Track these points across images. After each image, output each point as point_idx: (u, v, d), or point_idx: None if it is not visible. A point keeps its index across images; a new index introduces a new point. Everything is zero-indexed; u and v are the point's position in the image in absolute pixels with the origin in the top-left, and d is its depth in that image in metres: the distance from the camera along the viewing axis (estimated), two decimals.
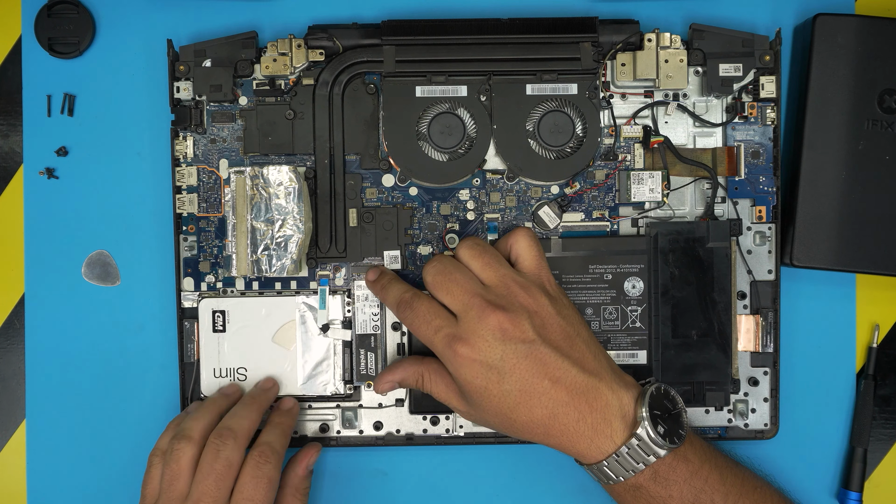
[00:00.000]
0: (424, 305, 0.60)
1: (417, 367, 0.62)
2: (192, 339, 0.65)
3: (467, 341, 0.57)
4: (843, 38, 0.64)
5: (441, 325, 0.59)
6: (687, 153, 0.66)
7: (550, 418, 0.57)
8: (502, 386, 0.57)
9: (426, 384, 0.62)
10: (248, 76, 0.65)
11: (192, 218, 0.66)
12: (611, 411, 0.57)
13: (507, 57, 0.64)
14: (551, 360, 0.57)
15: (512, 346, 0.57)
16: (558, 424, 0.57)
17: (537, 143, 0.65)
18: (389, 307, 0.63)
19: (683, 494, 0.57)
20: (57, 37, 0.67)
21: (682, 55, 0.64)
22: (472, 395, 0.58)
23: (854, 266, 0.65)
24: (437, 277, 0.60)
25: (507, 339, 0.57)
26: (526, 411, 0.57)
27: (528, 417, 0.57)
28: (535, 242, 0.61)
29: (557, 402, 0.57)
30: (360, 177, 0.66)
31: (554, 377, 0.57)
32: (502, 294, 0.58)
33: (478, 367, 0.57)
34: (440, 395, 0.61)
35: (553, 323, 0.58)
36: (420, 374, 0.62)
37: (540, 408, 0.57)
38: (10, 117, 0.68)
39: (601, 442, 0.57)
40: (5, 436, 0.68)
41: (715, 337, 0.64)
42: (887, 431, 0.68)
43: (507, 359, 0.57)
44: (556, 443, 0.58)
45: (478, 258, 0.60)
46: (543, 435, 0.58)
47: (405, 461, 0.68)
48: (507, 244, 0.62)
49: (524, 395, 0.57)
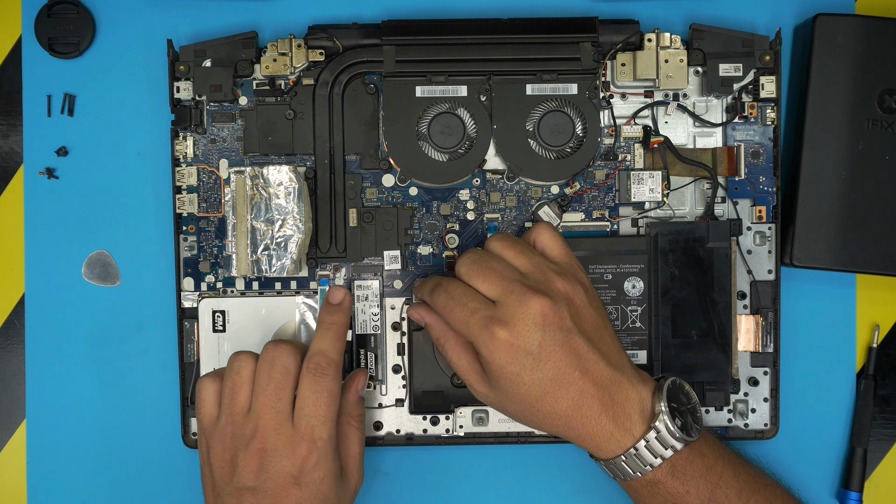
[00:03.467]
0: (460, 288, 0.59)
1: (447, 328, 0.60)
2: (192, 339, 0.65)
3: (507, 324, 0.56)
4: (843, 38, 0.64)
5: (478, 307, 0.57)
6: (687, 153, 0.66)
7: (575, 409, 0.57)
8: (535, 373, 0.56)
9: (448, 350, 0.60)
10: (248, 76, 0.65)
11: (192, 218, 0.66)
12: (631, 405, 0.57)
13: (506, 57, 0.64)
14: (584, 350, 0.57)
15: (550, 333, 0.56)
16: (581, 416, 0.57)
17: (537, 143, 0.65)
18: (425, 297, 0.62)
19: (700, 490, 0.57)
20: (57, 37, 0.67)
21: (682, 55, 0.64)
22: (500, 380, 0.57)
23: (854, 266, 0.65)
24: (473, 266, 0.59)
25: (546, 325, 0.56)
26: (552, 401, 0.57)
27: (553, 408, 0.57)
28: (559, 234, 0.61)
29: (584, 394, 0.56)
30: (360, 177, 0.66)
31: (584, 368, 0.57)
32: (540, 280, 0.58)
33: (514, 352, 0.56)
34: (459, 368, 0.60)
35: (586, 313, 0.58)
36: (446, 336, 0.60)
37: (566, 399, 0.57)
38: (10, 117, 0.68)
39: (621, 435, 0.57)
40: (5, 436, 0.68)
41: (715, 337, 0.64)
42: (887, 431, 0.68)
43: (545, 346, 0.56)
44: (576, 435, 0.58)
45: (510, 248, 0.59)
46: (563, 427, 0.57)
47: (405, 461, 0.68)
48: (531, 239, 0.61)
49: (554, 384, 0.56)
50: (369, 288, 0.65)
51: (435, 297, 0.60)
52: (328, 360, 0.59)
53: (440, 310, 0.59)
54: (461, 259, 0.60)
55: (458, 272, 0.60)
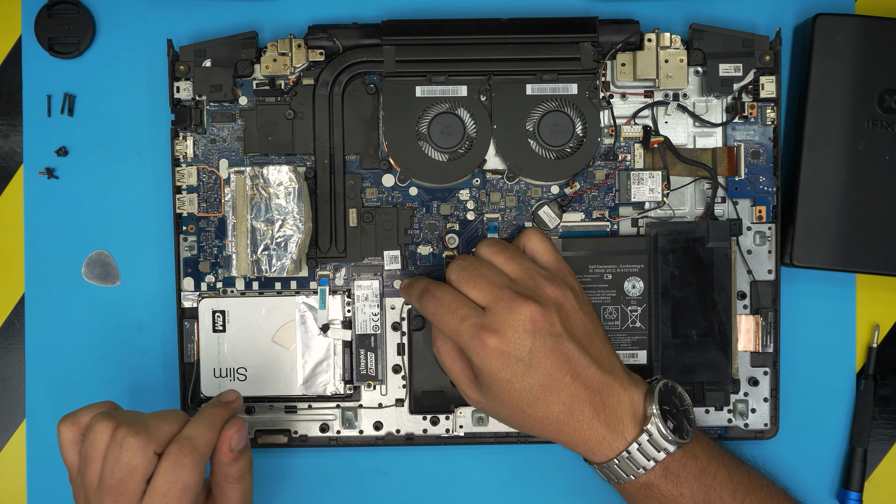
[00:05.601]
0: (449, 295, 0.58)
1: (439, 331, 0.60)
2: (192, 339, 0.65)
3: (497, 331, 0.56)
4: (843, 38, 0.64)
5: (467, 314, 0.57)
6: (687, 153, 0.66)
7: (566, 415, 0.57)
8: (526, 380, 0.56)
9: (442, 354, 0.60)
10: (248, 76, 0.65)
11: (192, 218, 0.66)
12: (623, 408, 0.57)
13: (507, 57, 0.64)
14: (574, 355, 0.57)
15: (541, 339, 0.56)
16: (573, 421, 0.57)
17: (537, 143, 0.65)
18: (413, 302, 0.62)
19: (694, 492, 0.57)
20: (57, 37, 0.67)
21: (682, 55, 0.64)
22: (491, 387, 0.58)
23: (854, 266, 0.65)
24: (462, 273, 0.59)
25: (536, 331, 0.56)
26: (543, 407, 0.57)
27: (545, 413, 0.57)
28: (548, 239, 0.61)
29: (575, 399, 0.57)
30: (360, 177, 0.66)
31: (575, 373, 0.57)
32: (530, 286, 0.58)
33: (505, 359, 0.56)
34: (452, 374, 0.60)
35: (576, 318, 0.58)
36: (442, 340, 0.60)
37: (558, 404, 0.57)
38: (10, 117, 0.68)
39: (613, 439, 0.57)
40: (5, 436, 0.68)
41: (715, 337, 0.64)
42: (887, 431, 0.68)
43: (536, 352, 0.56)
44: (568, 440, 0.58)
45: (500, 254, 0.60)
46: (555, 432, 0.58)
47: (405, 461, 0.68)
48: (520, 244, 0.61)
49: (545, 390, 0.57)
50: (369, 288, 0.65)
51: (424, 304, 0.60)
52: (192, 449, 0.54)
53: (430, 316, 0.59)
54: (451, 265, 0.60)
55: (449, 278, 0.60)
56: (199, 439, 0.55)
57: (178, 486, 0.53)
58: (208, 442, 0.55)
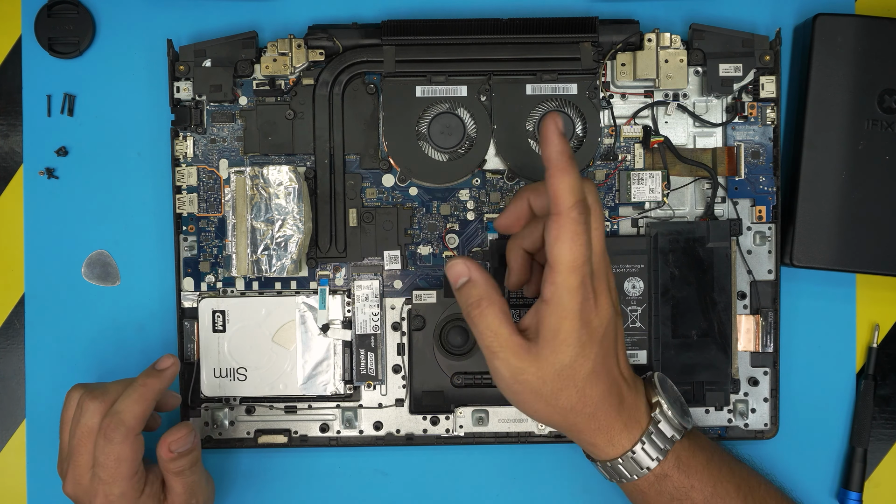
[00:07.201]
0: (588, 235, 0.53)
1: (494, 290, 0.55)
2: (192, 339, 0.65)
3: (598, 299, 0.54)
4: (843, 38, 0.64)
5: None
6: (687, 153, 0.66)
7: (602, 399, 0.55)
8: (588, 359, 0.54)
9: (488, 315, 0.54)
10: (248, 76, 0.65)
11: (192, 218, 0.66)
12: (634, 399, 0.57)
13: (506, 57, 0.64)
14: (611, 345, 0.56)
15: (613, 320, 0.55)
16: (602, 413, 0.56)
17: (537, 143, 0.65)
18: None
19: (703, 483, 0.57)
20: (57, 37, 0.67)
21: (682, 55, 0.64)
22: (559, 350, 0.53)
23: (854, 266, 0.65)
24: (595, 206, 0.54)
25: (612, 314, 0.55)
26: (578, 394, 0.55)
27: (575, 401, 0.55)
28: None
29: (612, 386, 0.56)
30: (360, 177, 0.66)
31: (608, 364, 0.55)
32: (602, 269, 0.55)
33: (586, 327, 0.53)
34: (497, 337, 0.54)
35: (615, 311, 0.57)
36: (490, 300, 0.54)
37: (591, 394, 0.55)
38: (10, 117, 0.68)
39: (629, 430, 0.56)
40: (5, 436, 0.68)
41: (715, 337, 0.64)
42: (887, 431, 0.68)
43: (606, 335, 0.55)
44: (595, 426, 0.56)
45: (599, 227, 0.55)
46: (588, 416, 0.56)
47: (405, 461, 0.68)
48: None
49: (591, 376, 0.54)
50: (369, 288, 0.65)
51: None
52: (118, 423, 0.57)
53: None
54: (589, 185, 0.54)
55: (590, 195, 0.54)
56: (126, 413, 0.57)
57: (111, 458, 0.57)
58: (136, 415, 0.57)
